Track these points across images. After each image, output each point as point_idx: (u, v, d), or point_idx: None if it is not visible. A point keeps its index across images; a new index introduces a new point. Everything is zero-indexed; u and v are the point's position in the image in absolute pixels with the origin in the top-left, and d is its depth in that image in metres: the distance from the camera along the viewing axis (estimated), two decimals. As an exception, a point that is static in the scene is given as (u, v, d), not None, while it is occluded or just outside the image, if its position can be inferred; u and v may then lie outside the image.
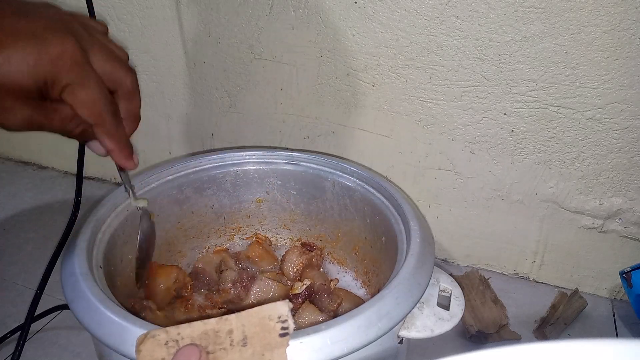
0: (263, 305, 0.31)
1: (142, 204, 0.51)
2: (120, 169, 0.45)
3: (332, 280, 0.60)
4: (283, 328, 0.31)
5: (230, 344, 0.30)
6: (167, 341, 0.30)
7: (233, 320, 0.31)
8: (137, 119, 0.39)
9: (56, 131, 0.34)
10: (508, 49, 0.57)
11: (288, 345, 0.30)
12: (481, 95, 0.61)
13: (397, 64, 0.63)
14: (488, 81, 0.60)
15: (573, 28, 0.54)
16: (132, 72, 0.37)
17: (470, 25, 0.57)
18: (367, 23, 0.62)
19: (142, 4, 0.72)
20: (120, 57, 0.36)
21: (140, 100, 0.39)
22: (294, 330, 0.32)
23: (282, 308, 0.31)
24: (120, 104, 0.37)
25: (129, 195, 0.50)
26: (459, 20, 0.57)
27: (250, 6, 0.66)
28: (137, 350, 0.30)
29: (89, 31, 0.34)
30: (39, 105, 0.32)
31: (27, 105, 0.31)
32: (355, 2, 0.61)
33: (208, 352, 0.30)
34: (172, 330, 0.31)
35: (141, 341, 0.30)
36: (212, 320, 0.31)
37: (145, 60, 0.77)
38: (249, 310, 0.31)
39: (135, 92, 0.37)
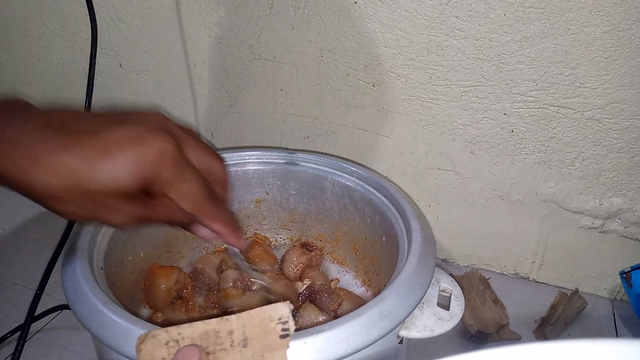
0: (264, 306, 0.31)
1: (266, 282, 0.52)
2: (235, 255, 0.45)
3: (332, 280, 0.60)
4: (284, 329, 0.31)
5: (231, 345, 0.30)
6: (168, 341, 0.30)
7: (234, 320, 0.31)
8: (229, 203, 0.41)
9: (163, 223, 0.36)
10: (508, 49, 0.57)
11: (288, 346, 0.30)
12: (481, 95, 0.61)
13: (397, 64, 0.63)
14: (488, 81, 0.60)
15: (573, 28, 0.54)
16: (222, 160, 0.39)
17: (470, 25, 0.57)
18: (367, 23, 0.62)
19: (142, 4, 0.72)
20: (210, 148, 0.38)
21: (229, 186, 0.41)
22: (295, 331, 0.32)
23: (283, 309, 0.31)
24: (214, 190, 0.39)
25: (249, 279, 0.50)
26: (459, 20, 0.57)
27: (250, 6, 0.66)
28: (138, 350, 0.30)
29: (181, 129, 0.36)
30: (145, 202, 0.34)
31: (133, 203, 0.33)
32: (355, 2, 0.61)
33: (208, 353, 0.30)
34: (173, 330, 0.31)
35: (142, 341, 0.30)
36: (213, 320, 0.31)
37: (145, 60, 0.77)
38: (250, 311, 0.31)
39: (226, 178, 0.39)
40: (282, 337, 0.31)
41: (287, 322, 0.31)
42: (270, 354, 0.30)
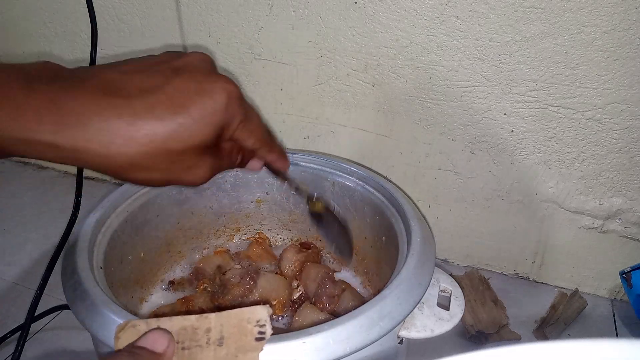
0: (244, 308, 0.32)
1: (320, 206, 0.51)
2: (283, 178, 0.45)
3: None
4: (260, 332, 0.31)
5: (207, 342, 0.31)
6: (146, 332, 0.31)
7: (213, 319, 0.31)
8: None
9: (227, 168, 0.36)
10: (508, 49, 0.57)
11: (262, 349, 0.31)
12: (481, 95, 0.61)
13: (397, 64, 0.63)
14: (488, 81, 0.60)
15: (573, 28, 0.54)
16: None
17: (470, 25, 0.57)
18: (367, 23, 0.62)
19: (142, 4, 0.72)
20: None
21: None
22: (293, 331, 0.32)
23: (262, 312, 0.32)
24: None
25: (303, 198, 0.50)
26: (459, 21, 0.57)
27: (250, 6, 0.66)
28: (116, 337, 0.30)
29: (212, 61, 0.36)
30: (215, 151, 0.34)
31: (209, 155, 0.33)
32: (355, 2, 0.61)
33: (184, 348, 0.30)
34: (153, 322, 0.31)
35: (121, 329, 0.31)
36: (193, 317, 0.31)
37: (145, 60, 0.77)
38: (230, 311, 0.32)
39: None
40: (258, 339, 0.31)
41: (264, 325, 0.31)
42: (243, 355, 0.30)
